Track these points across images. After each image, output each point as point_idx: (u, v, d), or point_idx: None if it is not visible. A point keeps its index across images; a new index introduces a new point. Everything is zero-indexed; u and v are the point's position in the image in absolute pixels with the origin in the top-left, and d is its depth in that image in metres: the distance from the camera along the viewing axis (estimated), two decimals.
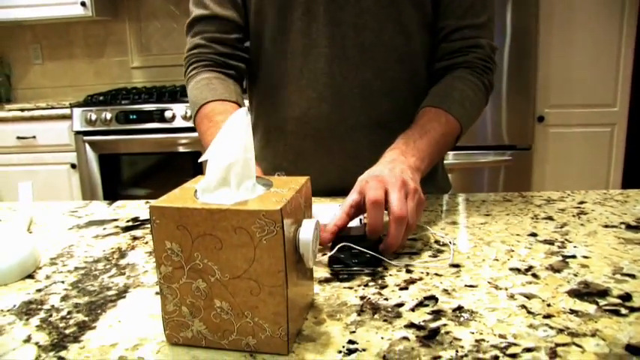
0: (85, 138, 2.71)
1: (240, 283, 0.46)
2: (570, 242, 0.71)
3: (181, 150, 2.69)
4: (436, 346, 0.47)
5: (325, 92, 0.96)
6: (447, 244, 0.71)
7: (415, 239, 0.74)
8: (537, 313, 0.52)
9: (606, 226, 0.76)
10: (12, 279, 0.65)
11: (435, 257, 0.68)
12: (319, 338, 0.50)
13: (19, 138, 2.77)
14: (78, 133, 2.72)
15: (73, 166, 2.79)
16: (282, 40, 0.97)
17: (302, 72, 0.96)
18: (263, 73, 1.02)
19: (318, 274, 0.63)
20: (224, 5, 0.98)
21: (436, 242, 0.73)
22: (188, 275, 0.47)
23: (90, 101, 2.76)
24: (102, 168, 2.77)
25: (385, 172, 0.72)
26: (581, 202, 0.88)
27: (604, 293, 0.56)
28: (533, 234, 0.74)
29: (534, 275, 0.61)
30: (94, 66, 3.36)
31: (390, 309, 0.55)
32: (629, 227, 0.75)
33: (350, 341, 0.49)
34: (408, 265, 0.65)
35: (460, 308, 0.54)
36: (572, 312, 0.52)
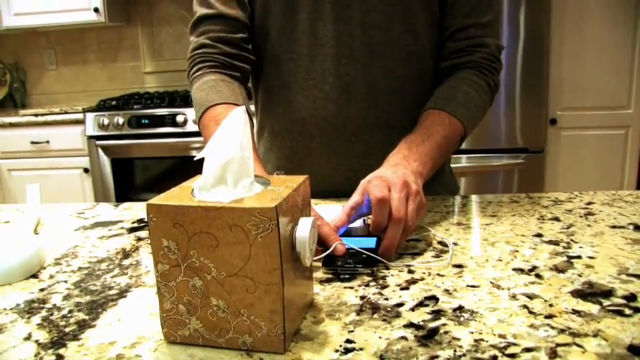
0: (98, 142, 2.74)
1: (236, 281, 0.45)
2: (576, 243, 0.70)
3: (193, 154, 2.69)
4: (434, 346, 0.47)
5: (332, 92, 0.95)
6: (450, 245, 0.70)
7: (418, 240, 0.73)
8: (539, 314, 0.52)
9: (614, 227, 0.75)
10: (16, 278, 0.66)
11: (438, 258, 0.67)
12: (317, 337, 0.49)
13: (33, 143, 2.80)
14: (90, 138, 2.74)
15: (86, 171, 2.81)
16: (288, 40, 0.96)
17: (308, 72, 0.96)
18: (269, 74, 1.01)
19: (318, 275, 0.63)
20: (229, 4, 0.97)
21: (440, 243, 0.72)
22: (185, 273, 0.47)
23: (102, 106, 2.79)
24: (114, 172, 2.79)
25: (388, 174, 0.72)
26: (589, 203, 0.86)
27: (608, 293, 0.55)
28: (538, 234, 0.73)
29: (538, 276, 0.60)
30: (107, 71, 3.39)
31: (390, 309, 0.54)
32: (637, 228, 0.74)
33: (348, 340, 0.48)
34: (409, 266, 0.65)
35: (460, 308, 0.53)
36: (574, 312, 0.51)
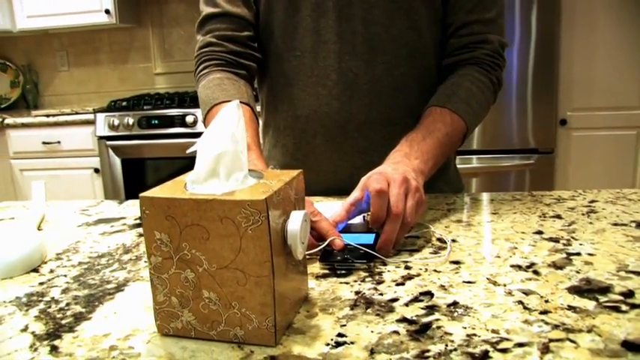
0: (108, 143, 2.76)
1: (227, 274, 0.46)
2: (576, 240, 0.69)
3: None
4: (426, 340, 0.47)
5: (335, 89, 0.96)
6: (448, 242, 0.70)
7: (417, 237, 0.73)
8: (534, 309, 0.51)
9: (615, 224, 0.74)
10: (17, 272, 0.67)
11: (436, 254, 0.67)
12: (309, 331, 0.49)
13: (45, 143, 2.83)
14: (101, 138, 2.77)
15: (97, 171, 2.84)
16: (291, 38, 0.97)
17: (311, 69, 0.96)
18: (273, 71, 1.02)
19: (315, 270, 0.63)
20: (235, 3, 0.98)
21: (438, 240, 0.72)
22: (177, 265, 0.47)
23: (113, 107, 2.81)
24: (124, 172, 2.81)
25: (389, 170, 0.72)
26: (592, 201, 0.85)
27: (605, 290, 0.55)
28: (539, 232, 0.73)
29: (535, 272, 0.60)
30: (119, 72, 3.42)
31: (384, 304, 0.54)
32: (639, 225, 0.73)
33: (339, 334, 0.48)
34: (406, 262, 0.65)
35: (455, 304, 0.53)
36: (570, 308, 0.51)
